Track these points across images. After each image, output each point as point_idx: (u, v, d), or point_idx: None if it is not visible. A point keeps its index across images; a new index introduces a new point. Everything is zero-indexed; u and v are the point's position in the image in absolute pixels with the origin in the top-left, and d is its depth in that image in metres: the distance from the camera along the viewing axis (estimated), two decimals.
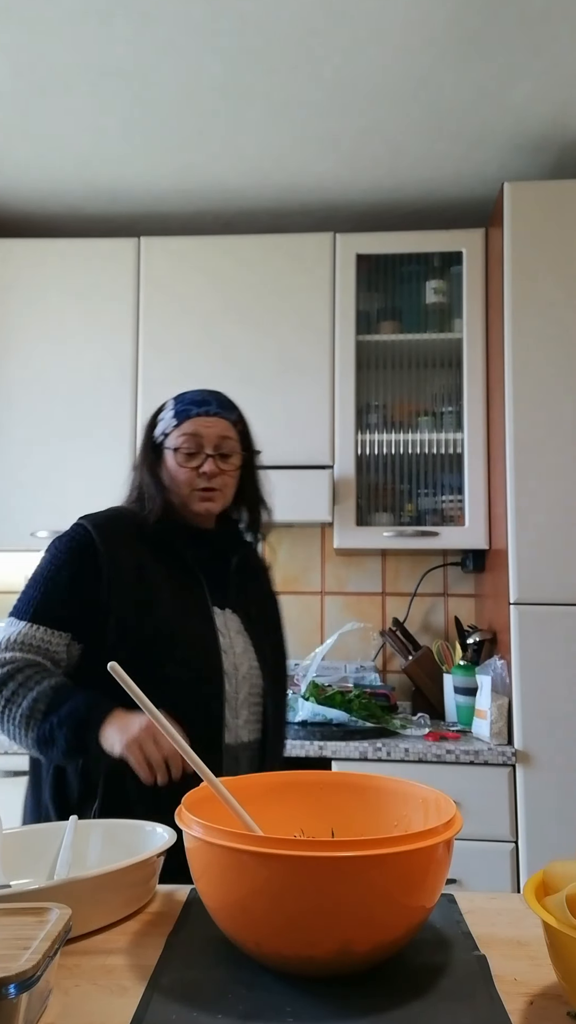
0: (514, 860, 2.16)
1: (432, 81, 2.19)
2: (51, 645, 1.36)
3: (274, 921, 0.72)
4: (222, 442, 1.49)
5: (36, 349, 2.77)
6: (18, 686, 1.31)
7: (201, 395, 1.53)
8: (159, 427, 1.54)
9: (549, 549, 2.25)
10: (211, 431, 1.48)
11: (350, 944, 0.71)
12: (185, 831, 0.77)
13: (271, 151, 2.53)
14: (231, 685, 1.41)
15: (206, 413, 1.49)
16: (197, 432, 1.48)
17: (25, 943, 0.64)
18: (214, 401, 1.52)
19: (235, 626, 1.48)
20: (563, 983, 0.67)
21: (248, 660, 1.45)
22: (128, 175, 2.67)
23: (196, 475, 1.47)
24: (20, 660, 1.34)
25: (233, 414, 1.54)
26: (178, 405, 1.52)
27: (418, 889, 0.74)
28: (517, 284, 2.36)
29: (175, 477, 1.49)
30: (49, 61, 2.12)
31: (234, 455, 1.51)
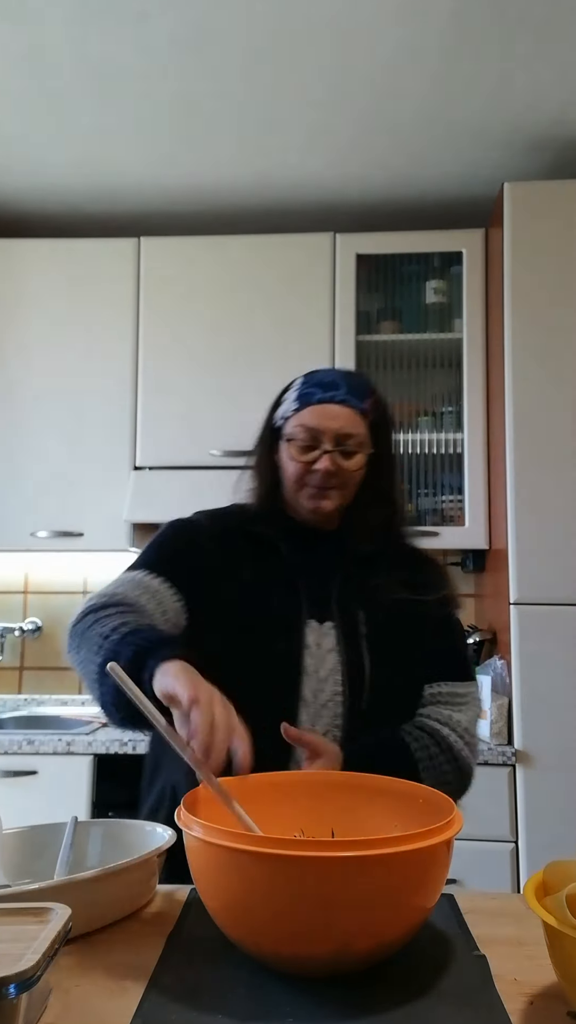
0: (514, 860, 2.16)
1: (432, 81, 2.19)
2: (163, 596, 1.22)
3: (273, 921, 0.72)
4: (344, 438, 1.27)
5: (36, 349, 2.77)
6: (115, 612, 1.15)
7: (332, 376, 1.31)
8: (281, 408, 1.34)
9: (549, 549, 2.25)
10: (333, 424, 1.26)
11: (349, 944, 0.71)
12: (185, 831, 0.77)
13: (271, 151, 2.53)
14: (308, 714, 1.19)
15: (331, 400, 1.27)
16: (317, 424, 1.26)
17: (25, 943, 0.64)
18: (344, 385, 1.29)
19: (330, 644, 1.24)
20: (563, 983, 0.67)
21: (332, 686, 1.21)
22: (128, 175, 2.67)
23: (309, 471, 1.28)
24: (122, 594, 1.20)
25: (365, 402, 1.29)
26: (303, 386, 1.31)
27: (418, 889, 0.74)
28: (517, 284, 2.36)
29: (286, 469, 1.31)
30: (49, 61, 2.12)
31: (359, 452, 1.28)
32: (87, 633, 1.12)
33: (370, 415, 1.30)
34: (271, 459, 1.33)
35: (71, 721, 2.66)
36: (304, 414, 1.28)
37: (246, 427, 2.89)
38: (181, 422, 2.70)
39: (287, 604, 1.25)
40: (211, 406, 2.70)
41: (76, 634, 1.16)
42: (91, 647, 1.10)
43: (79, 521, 2.68)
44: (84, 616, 1.16)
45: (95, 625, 1.12)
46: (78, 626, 1.16)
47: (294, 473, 1.29)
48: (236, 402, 2.69)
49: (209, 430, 2.69)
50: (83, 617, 1.16)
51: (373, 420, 1.30)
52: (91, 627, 1.13)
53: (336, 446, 1.26)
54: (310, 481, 1.28)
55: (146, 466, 2.70)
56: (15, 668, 2.97)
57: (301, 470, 1.28)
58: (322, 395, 1.28)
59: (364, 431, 1.29)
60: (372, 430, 1.30)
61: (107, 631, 1.09)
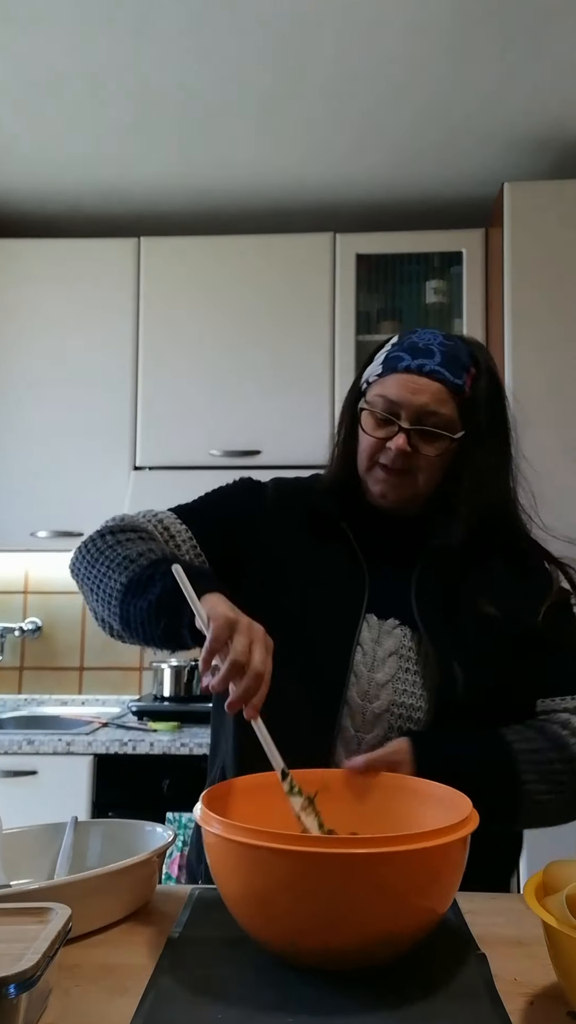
0: None
1: (432, 81, 2.19)
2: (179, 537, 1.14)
3: (291, 915, 0.72)
4: (427, 416, 1.08)
5: (36, 349, 2.77)
6: (137, 538, 1.08)
7: (428, 340, 1.12)
8: (368, 369, 1.17)
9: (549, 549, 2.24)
10: (416, 399, 1.08)
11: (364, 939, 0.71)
12: (205, 829, 0.78)
13: (271, 151, 2.53)
14: (353, 721, 1.05)
15: (419, 370, 1.09)
16: (397, 396, 1.09)
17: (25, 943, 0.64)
18: (439, 354, 1.10)
19: (391, 645, 1.08)
20: (563, 983, 0.67)
21: (390, 694, 1.06)
22: (128, 175, 2.67)
23: (382, 448, 1.11)
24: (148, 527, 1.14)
25: (462, 376, 1.11)
26: (394, 348, 1.13)
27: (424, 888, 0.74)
28: (517, 284, 2.36)
29: (360, 443, 1.14)
30: (49, 61, 2.12)
31: (443, 436, 1.09)
32: (107, 551, 1.07)
33: (467, 392, 1.11)
34: (352, 426, 1.16)
35: (71, 721, 2.66)
36: (387, 381, 1.11)
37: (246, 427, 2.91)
38: (181, 422, 2.70)
39: (348, 594, 1.10)
40: (211, 406, 2.70)
41: (92, 550, 1.10)
42: (112, 565, 1.04)
43: (79, 521, 2.68)
44: (104, 535, 1.11)
45: (117, 546, 1.07)
46: (97, 543, 1.10)
47: (366, 448, 1.13)
48: (236, 402, 2.69)
49: (209, 430, 2.69)
50: (103, 536, 1.11)
51: (471, 397, 1.11)
52: (112, 547, 1.07)
53: (415, 424, 1.08)
54: (381, 459, 1.11)
55: (146, 466, 2.70)
56: (15, 668, 2.97)
57: (374, 446, 1.11)
58: (410, 362, 1.10)
59: (454, 411, 1.10)
60: (466, 410, 1.11)
61: (133, 554, 1.04)
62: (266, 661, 0.88)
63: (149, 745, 2.32)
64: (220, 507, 1.20)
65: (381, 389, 1.11)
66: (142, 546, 1.06)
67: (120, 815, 2.14)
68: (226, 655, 0.87)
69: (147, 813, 1.24)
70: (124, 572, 1.02)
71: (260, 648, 0.88)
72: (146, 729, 2.47)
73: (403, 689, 1.06)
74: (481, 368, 1.14)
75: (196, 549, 1.14)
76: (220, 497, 1.22)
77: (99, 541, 1.10)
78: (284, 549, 1.14)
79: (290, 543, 1.15)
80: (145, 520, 1.16)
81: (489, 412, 1.13)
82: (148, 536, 1.11)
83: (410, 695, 1.06)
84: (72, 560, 1.14)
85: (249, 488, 1.23)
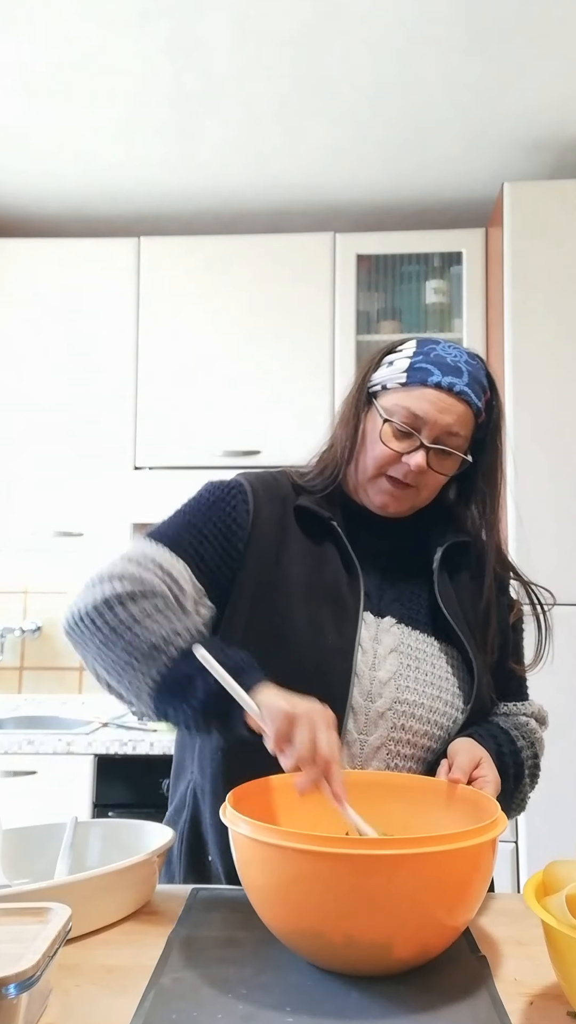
0: (514, 860, 2.16)
1: (432, 81, 2.19)
2: (181, 579, 1.06)
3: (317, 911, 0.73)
4: (448, 437, 1.09)
5: (36, 349, 2.77)
6: (154, 610, 0.99)
7: (454, 357, 1.11)
8: (382, 371, 1.14)
9: (549, 550, 2.25)
10: (442, 418, 1.07)
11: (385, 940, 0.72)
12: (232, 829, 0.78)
13: (271, 151, 2.53)
14: (356, 723, 1.04)
15: (449, 389, 1.08)
16: (425, 413, 1.07)
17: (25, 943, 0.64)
18: (467, 373, 1.10)
19: (391, 643, 1.08)
20: (563, 983, 0.67)
21: (392, 691, 1.05)
22: (128, 175, 2.67)
23: (397, 460, 1.09)
24: (156, 584, 1.03)
25: (482, 399, 1.12)
26: (418, 358, 1.11)
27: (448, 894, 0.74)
28: (517, 284, 2.36)
29: (369, 448, 1.12)
30: (49, 61, 2.12)
31: (454, 456, 1.10)
32: (125, 634, 0.97)
33: (482, 416, 1.12)
34: (356, 426, 1.14)
35: (71, 721, 2.66)
36: (414, 395, 1.09)
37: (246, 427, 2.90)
38: (181, 422, 2.70)
39: (345, 595, 1.09)
40: (211, 406, 2.70)
41: (104, 627, 0.99)
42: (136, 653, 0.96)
43: (79, 521, 2.68)
44: (112, 607, 0.99)
45: (136, 626, 0.97)
46: (107, 617, 0.99)
47: (379, 457, 1.10)
48: (236, 402, 2.69)
49: (209, 430, 2.69)
50: (111, 608, 0.99)
51: (482, 423, 1.13)
52: (130, 627, 0.97)
53: (435, 442, 1.08)
54: (392, 472, 1.10)
55: (146, 466, 2.70)
56: (15, 668, 2.97)
57: (388, 458, 1.09)
58: (439, 379, 1.08)
59: (470, 433, 1.12)
60: (479, 431, 1.13)
61: (158, 640, 0.96)
62: (332, 746, 0.86)
63: (149, 745, 2.32)
64: (208, 528, 1.11)
65: (405, 400, 1.09)
66: (166, 625, 0.97)
67: (120, 815, 2.14)
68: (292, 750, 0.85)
69: (147, 813, 1.24)
70: (153, 665, 0.94)
71: (323, 734, 0.86)
72: (146, 729, 2.47)
73: (405, 686, 1.06)
74: (494, 391, 1.15)
75: (196, 585, 1.08)
76: (203, 515, 1.13)
77: (109, 615, 0.99)
78: (276, 550, 1.11)
79: (282, 545, 1.12)
80: (148, 572, 1.04)
81: (492, 438, 1.15)
82: (164, 603, 1.01)
83: (413, 691, 1.06)
84: (74, 628, 1.03)
85: (229, 494, 1.14)
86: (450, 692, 1.09)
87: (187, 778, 1.15)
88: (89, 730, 2.46)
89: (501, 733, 1.10)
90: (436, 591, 1.12)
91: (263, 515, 1.13)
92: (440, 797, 0.93)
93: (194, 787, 1.12)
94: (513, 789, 1.07)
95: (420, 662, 1.08)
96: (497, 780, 0.99)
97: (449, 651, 1.12)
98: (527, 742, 1.13)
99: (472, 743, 1.03)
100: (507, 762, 1.06)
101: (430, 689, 1.07)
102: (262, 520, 1.12)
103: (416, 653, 1.09)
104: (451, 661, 1.11)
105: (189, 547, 1.09)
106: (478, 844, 0.73)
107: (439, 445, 1.08)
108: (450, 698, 1.09)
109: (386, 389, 1.12)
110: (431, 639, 1.11)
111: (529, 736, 1.15)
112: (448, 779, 0.95)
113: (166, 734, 2.38)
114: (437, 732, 1.07)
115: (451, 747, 1.03)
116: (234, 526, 1.11)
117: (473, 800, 0.89)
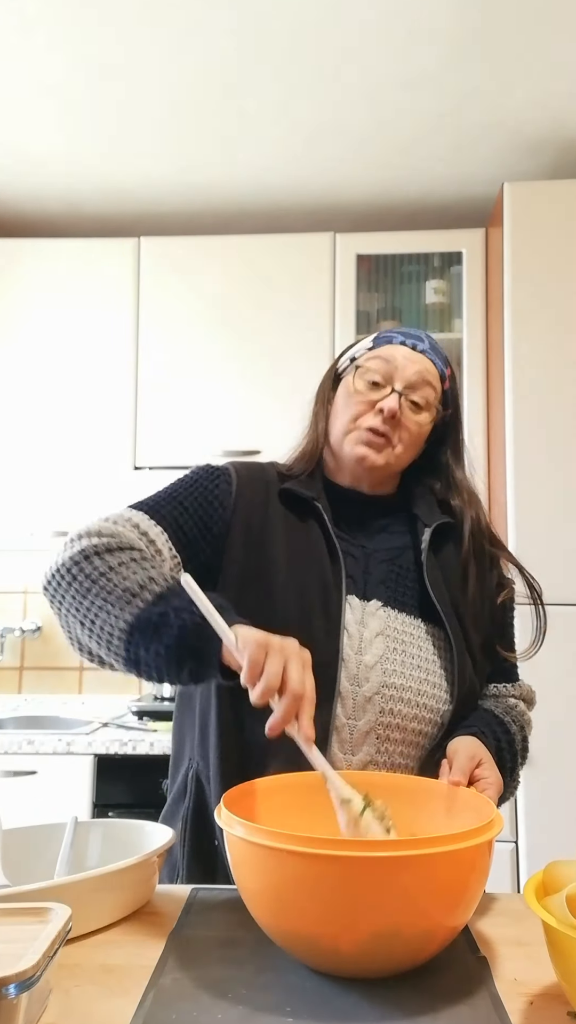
0: (514, 860, 2.16)
1: (432, 81, 2.19)
2: (159, 541, 1.07)
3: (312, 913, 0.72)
4: (420, 384, 1.13)
5: (36, 349, 2.77)
6: (130, 560, 0.99)
7: (415, 330, 1.19)
8: (350, 351, 1.23)
9: (549, 549, 2.25)
10: (411, 366, 1.13)
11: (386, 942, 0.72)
12: (226, 830, 0.78)
13: (271, 151, 2.53)
14: (344, 708, 1.04)
15: (413, 347, 1.15)
16: (393, 359, 1.14)
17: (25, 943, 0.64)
18: (427, 341, 1.17)
19: (377, 626, 1.08)
20: (563, 983, 0.67)
21: (379, 675, 1.05)
22: (128, 175, 2.67)
23: (370, 410, 1.13)
24: (133, 539, 1.04)
25: (444, 368, 1.18)
26: (383, 333, 1.20)
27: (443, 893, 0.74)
28: (517, 284, 2.36)
29: (340, 412, 1.17)
30: (49, 61, 2.12)
31: (428, 409, 1.14)
32: (100, 580, 0.97)
33: (447, 382, 1.18)
34: (326, 410, 1.20)
35: (71, 721, 2.66)
36: (382, 351, 1.15)
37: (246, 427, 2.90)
38: (181, 422, 2.70)
39: (327, 578, 1.09)
40: (211, 406, 2.70)
41: (80, 576, 0.99)
42: (110, 599, 0.94)
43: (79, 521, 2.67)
44: (89, 557, 1.00)
45: (111, 574, 0.97)
46: (83, 566, 0.99)
47: (353, 409, 1.14)
48: (236, 402, 2.69)
49: (209, 430, 2.69)
50: (88, 558, 1.00)
51: (448, 389, 1.18)
52: (105, 575, 0.97)
53: (408, 389, 1.13)
54: (366, 423, 1.13)
55: (146, 466, 2.70)
56: (15, 668, 2.97)
57: (361, 409, 1.14)
58: (404, 339, 1.16)
59: (438, 394, 1.16)
60: (444, 400, 1.17)
61: (133, 585, 0.95)
62: (304, 679, 0.84)
63: (149, 745, 2.32)
64: (189, 501, 1.13)
65: (374, 354, 1.16)
66: (141, 573, 0.97)
67: (120, 815, 2.14)
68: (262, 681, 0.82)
69: (147, 813, 1.24)
70: (127, 608, 0.93)
71: (296, 666, 0.84)
72: (146, 729, 2.47)
73: (392, 669, 1.06)
74: (454, 373, 1.21)
75: (172, 551, 1.08)
76: (185, 490, 1.14)
77: (85, 565, 0.99)
78: (260, 534, 1.11)
79: (265, 527, 1.12)
80: (125, 529, 1.06)
81: (456, 413, 1.21)
82: (140, 556, 1.02)
83: (400, 675, 1.06)
84: (50, 582, 1.03)
85: (213, 475, 1.16)
86: (437, 675, 1.09)
87: (187, 765, 1.14)
88: (89, 730, 2.46)
89: (498, 726, 1.10)
90: (424, 573, 1.12)
91: (246, 497, 1.14)
92: (440, 799, 0.93)
93: (196, 772, 1.11)
94: (508, 780, 1.07)
95: (407, 645, 1.09)
96: (499, 782, 0.99)
97: (436, 633, 1.12)
98: (518, 726, 1.14)
99: (472, 742, 1.03)
100: (505, 756, 1.07)
101: (417, 672, 1.07)
102: (245, 502, 1.13)
103: (403, 636, 1.09)
104: (438, 644, 1.11)
105: (168, 516, 1.10)
106: (474, 846, 0.73)
107: (411, 393, 1.13)
108: (438, 680, 1.09)
109: (354, 360, 1.19)
110: (418, 621, 1.11)
111: (519, 719, 1.15)
112: (448, 781, 0.95)
113: (166, 734, 2.38)
114: (427, 715, 1.07)
115: (451, 746, 1.03)
116: (216, 503, 1.13)
117: (472, 802, 0.89)
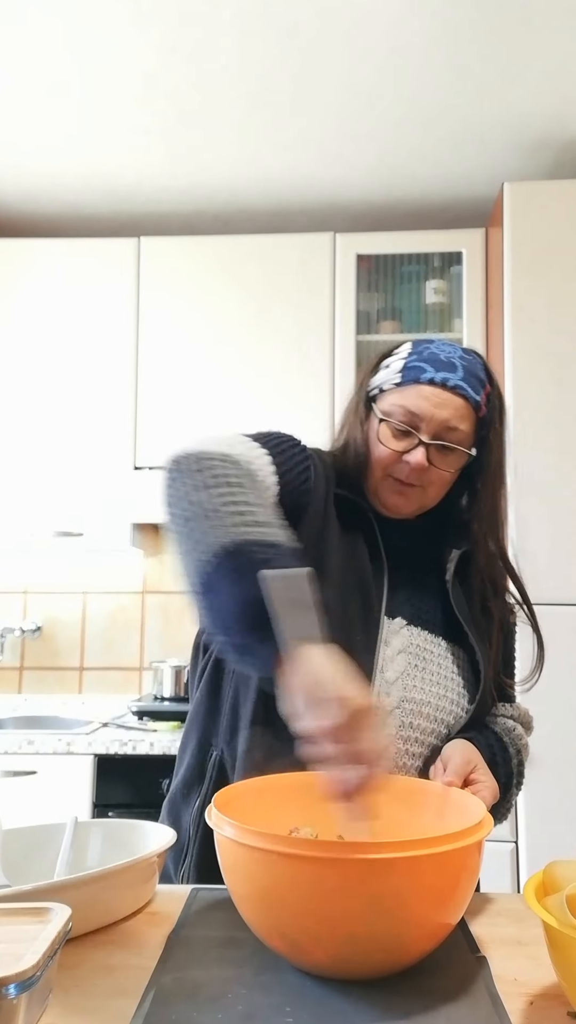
0: (514, 860, 2.16)
1: (432, 81, 2.19)
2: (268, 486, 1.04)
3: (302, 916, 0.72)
4: (447, 432, 1.08)
5: (36, 349, 2.77)
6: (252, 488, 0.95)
7: (448, 354, 1.10)
8: (379, 375, 1.15)
9: (550, 549, 2.25)
10: (438, 413, 1.07)
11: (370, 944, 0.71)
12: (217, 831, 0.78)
13: (271, 151, 2.53)
14: None
15: (443, 384, 1.08)
16: (420, 409, 1.08)
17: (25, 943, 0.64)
18: (462, 368, 1.10)
19: (399, 644, 1.09)
20: (563, 983, 0.67)
21: (399, 691, 1.05)
22: (128, 175, 2.67)
23: (398, 460, 1.09)
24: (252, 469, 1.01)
25: (480, 393, 1.10)
26: (412, 358, 1.11)
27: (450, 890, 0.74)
28: (517, 284, 2.36)
29: (372, 451, 1.12)
30: (49, 61, 2.12)
31: (457, 451, 1.10)
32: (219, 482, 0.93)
33: (481, 411, 1.11)
34: (363, 430, 1.14)
35: (71, 721, 2.66)
36: (408, 393, 1.09)
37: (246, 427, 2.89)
38: (181, 422, 2.70)
39: (370, 592, 1.07)
40: (211, 406, 2.70)
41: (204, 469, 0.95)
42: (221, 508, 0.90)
43: (79, 521, 2.68)
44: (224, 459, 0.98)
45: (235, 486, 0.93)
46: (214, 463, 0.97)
47: (382, 459, 1.11)
48: (236, 402, 2.69)
49: (209, 430, 2.68)
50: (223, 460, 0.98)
51: (483, 418, 1.12)
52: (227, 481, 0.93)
53: (434, 438, 1.08)
54: (395, 472, 1.10)
55: (146, 466, 2.70)
56: (15, 668, 2.97)
57: (390, 458, 1.10)
58: (432, 374, 1.08)
59: (471, 428, 1.10)
60: (481, 427, 1.12)
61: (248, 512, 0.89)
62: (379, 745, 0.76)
63: (149, 745, 2.32)
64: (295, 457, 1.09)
65: (400, 399, 1.09)
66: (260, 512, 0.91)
67: (120, 815, 2.14)
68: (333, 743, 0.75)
69: (147, 813, 1.24)
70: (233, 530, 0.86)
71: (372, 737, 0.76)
72: (146, 729, 2.47)
73: (412, 685, 1.07)
74: (494, 385, 1.14)
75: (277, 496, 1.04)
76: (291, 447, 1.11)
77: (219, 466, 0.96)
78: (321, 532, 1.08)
79: (327, 523, 1.10)
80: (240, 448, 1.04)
81: (497, 434, 1.14)
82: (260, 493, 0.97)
83: (419, 690, 1.07)
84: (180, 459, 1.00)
85: (302, 446, 1.13)
86: (455, 691, 1.10)
87: (213, 751, 1.11)
88: (89, 730, 2.46)
89: (496, 741, 1.10)
90: (451, 599, 1.12)
91: (321, 485, 1.11)
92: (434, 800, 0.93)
93: (221, 759, 1.09)
94: (502, 798, 1.06)
95: (427, 662, 1.09)
96: (494, 786, 0.99)
97: (456, 651, 1.13)
98: (515, 749, 1.13)
99: (466, 745, 1.04)
100: (499, 772, 1.05)
101: (436, 688, 1.08)
102: (320, 489, 1.11)
103: (423, 653, 1.09)
104: (457, 661, 1.13)
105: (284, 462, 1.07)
106: (465, 847, 0.72)
107: (439, 441, 1.08)
108: (455, 696, 1.10)
109: (383, 392, 1.13)
110: (439, 639, 1.12)
111: (517, 743, 1.14)
112: (443, 782, 0.95)
113: (166, 734, 2.38)
114: (443, 730, 1.08)
115: (445, 749, 1.03)
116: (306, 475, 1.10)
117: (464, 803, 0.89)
